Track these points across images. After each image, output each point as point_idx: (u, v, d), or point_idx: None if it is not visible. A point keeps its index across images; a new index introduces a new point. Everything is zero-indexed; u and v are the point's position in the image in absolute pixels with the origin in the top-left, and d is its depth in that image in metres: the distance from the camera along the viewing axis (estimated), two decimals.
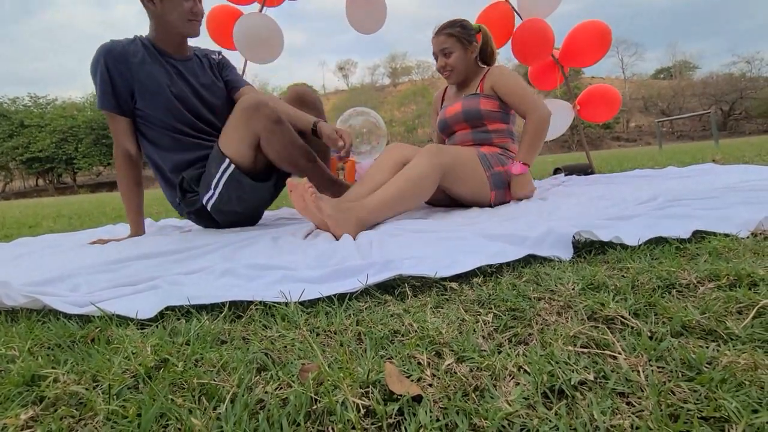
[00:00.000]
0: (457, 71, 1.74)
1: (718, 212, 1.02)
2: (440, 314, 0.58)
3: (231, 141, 1.36)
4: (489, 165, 1.58)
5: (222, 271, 0.83)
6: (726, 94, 46.34)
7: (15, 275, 0.94)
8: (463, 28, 1.72)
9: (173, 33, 1.44)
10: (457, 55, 1.72)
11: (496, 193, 1.60)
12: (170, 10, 1.38)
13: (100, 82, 1.38)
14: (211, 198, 1.41)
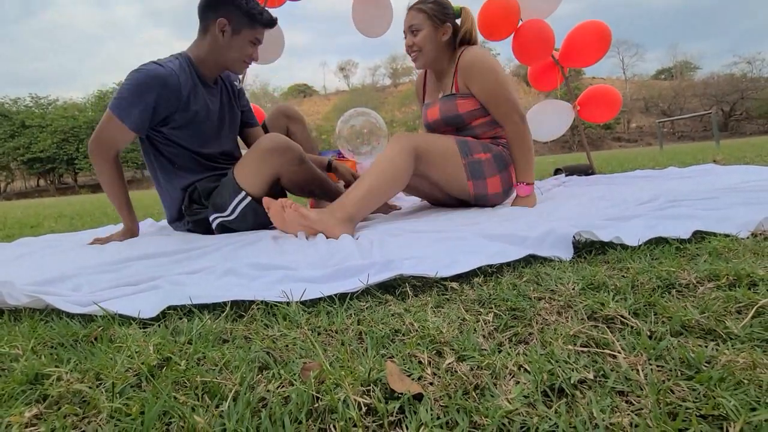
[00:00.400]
0: (425, 53, 1.56)
1: (719, 213, 1.02)
2: (441, 314, 0.58)
3: (248, 175, 1.37)
4: (468, 152, 1.49)
5: (223, 270, 0.83)
6: (727, 95, 46.31)
7: (17, 275, 0.95)
8: (436, 5, 1.55)
9: (222, 65, 1.45)
10: (424, 34, 1.54)
11: (474, 184, 1.50)
12: (235, 48, 1.41)
13: (142, 107, 1.32)
14: (224, 218, 1.42)
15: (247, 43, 1.42)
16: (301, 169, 1.39)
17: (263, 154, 1.36)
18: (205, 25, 1.41)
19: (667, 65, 60.86)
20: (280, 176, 1.39)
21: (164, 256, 1.07)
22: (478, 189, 1.52)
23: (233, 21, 1.38)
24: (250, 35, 1.41)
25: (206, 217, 1.47)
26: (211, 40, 1.40)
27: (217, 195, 1.45)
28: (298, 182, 1.42)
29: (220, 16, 1.37)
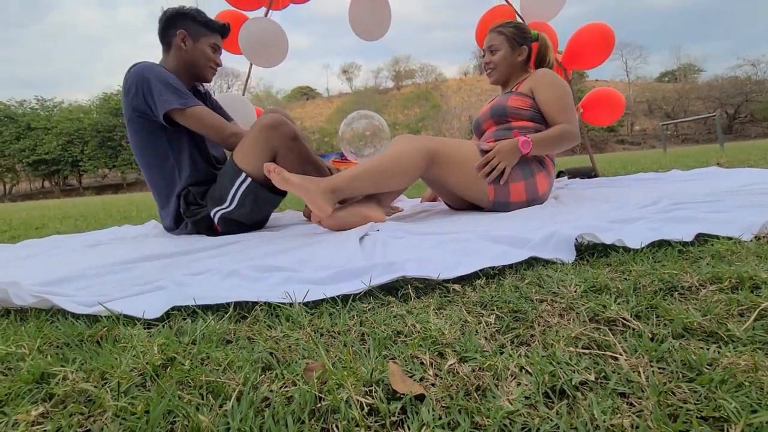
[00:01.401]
0: (499, 70, 1.70)
1: (722, 215, 1.02)
2: (443, 315, 0.58)
3: (247, 156, 1.40)
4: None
5: (227, 272, 0.84)
6: (731, 98, 46.12)
7: (22, 276, 0.96)
8: (517, 29, 1.69)
9: (193, 74, 1.57)
10: (502, 54, 1.68)
11: (496, 188, 1.46)
12: (199, 54, 1.53)
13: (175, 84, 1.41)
14: (224, 209, 1.43)
15: (208, 48, 1.55)
16: (296, 145, 1.42)
17: (261, 129, 1.40)
18: (168, 42, 1.54)
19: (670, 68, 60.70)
20: (276, 152, 1.41)
21: (168, 258, 1.08)
22: (498, 195, 1.47)
23: (190, 30, 1.52)
24: (208, 41, 1.56)
25: (207, 215, 1.48)
26: (175, 52, 1.53)
27: (214, 189, 1.48)
28: (292, 160, 1.43)
29: (178, 29, 1.51)
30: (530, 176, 1.50)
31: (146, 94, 1.39)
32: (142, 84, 1.38)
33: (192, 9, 1.54)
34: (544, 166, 1.57)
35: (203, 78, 1.59)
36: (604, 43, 2.23)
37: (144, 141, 1.48)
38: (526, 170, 1.51)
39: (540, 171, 1.54)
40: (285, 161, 1.42)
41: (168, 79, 1.40)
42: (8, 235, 2.37)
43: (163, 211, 1.60)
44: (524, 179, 1.50)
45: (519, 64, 1.70)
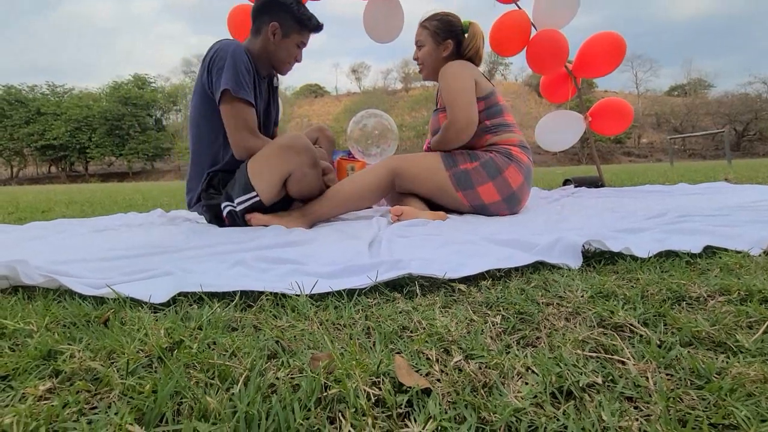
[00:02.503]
0: (426, 67, 1.66)
1: (731, 229, 1.01)
2: (449, 314, 0.58)
3: (262, 173, 1.39)
4: (452, 163, 1.52)
5: (233, 261, 0.84)
6: (741, 115, 45.84)
7: (29, 256, 0.96)
8: (440, 23, 1.62)
9: (270, 65, 1.56)
10: (426, 50, 1.64)
11: (465, 195, 1.51)
12: (283, 50, 1.52)
13: (246, 72, 1.40)
14: (232, 208, 1.44)
15: (294, 46, 1.54)
16: (312, 173, 1.41)
17: (282, 149, 1.38)
18: (258, 27, 1.51)
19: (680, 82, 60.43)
20: (291, 174, 1.40)
21: (175, 245, 1.08)
22: (471, 199, 1.52)
23: (284, 25, 1.49)
24: (298, 39, 1.53)
25: (218, 204, 1.48)
26: (262, 41, 1.51)
27: (230, 184, 1.48)
28: (304, 185, 1.44)
29: (272, 19, 1.48)
30: (497, 174, 1.50)
31: (215, 68, 1.38)
32: (219, 57, 1.38)
33: (294, 3, 1.50)
34: (512, 158, 1.52)
35: (278, 71, 1.59)
36: (615, 52, 2.22)
37: (206, 114, 1.47)
38: (491, 169, 1.50)
39: (508, 165, 1.50)
40: (297, 184, 1.42)
41: (243, 66, 1.39)
42: (15, 216, 2.38)
43: (192, 182, 1.59)
44: (491, 179, 1.50)
45: (445, 60, 1.62)
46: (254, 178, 1.41)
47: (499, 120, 1.57)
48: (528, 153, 1.58)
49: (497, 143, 1.55)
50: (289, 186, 1.43)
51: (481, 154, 1.52)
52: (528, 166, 1.55)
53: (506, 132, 1.57)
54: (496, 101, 1.58)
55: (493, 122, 1.56)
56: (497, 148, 1.54)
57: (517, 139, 1.57)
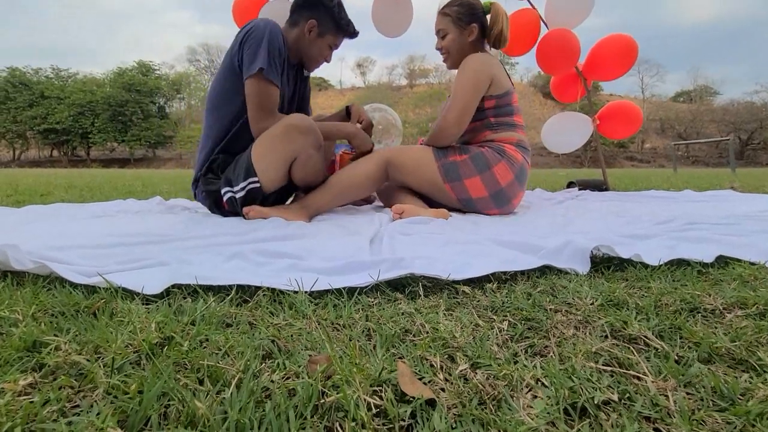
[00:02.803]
0: (452, 55, 1.60)
1: (741, 239, 0.99)
2: (453, 317, 0.56)
3: (266, 157, 1.36)
4: (443, 154, 1.51)
5: (231, 253, 0.82)
6: (746, 123, 45.67)
7: (23, 240, 0.94)
8: (461, 7, 1.56)
9: (299, 57, 1.55)
10: (451, 38, 1.58)
11: (452, 187, 1.49)
12: (315, 48, 1.51)
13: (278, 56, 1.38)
14: (233, 193, 1.41)
15: (326, 46, 1.53)
16: (317, 156, 1.39)
17: (287, 128, 1.34)
18: (296, 20, 1.50)
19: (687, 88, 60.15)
20: (296, 157, 1.37)
21: (172, 234, 1.06)
22: (458, 192, 1.50)
23: (322, 24, 1.48)
24: (332, 41, 1.53)
25: (218, 189, 1.45)
26: (297, 34, 1.50)
27: (230, 169, 1.45)
28: (309, 169, 1.40)
29: (312, 16, 1.47)
30: (486, 169, 1.47)
31: (250, 46, 1.35)
32: (256, 35, 1.35)
33: (335, 1, 1.49)
34: (503, 155, 1.48)
35: (306, 67, 1.59)
36: (626, 55, 2.19)
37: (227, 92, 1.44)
38: (480, 163, 1.48)
39: (499, 162, 1.47)
40: (301, 168, 1.39)
41: (277, 48, 1.37)
42: (13, 199, 2.36)
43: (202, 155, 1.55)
44: (479, 173, 1.48)
45: (472, 44, 1.57)
46: (258, 161, 1.37)
47: (506, 119, 1.54)
48: (525, 153, 1.54)
49: (494, 140, 1.53)
50: (294, 171, 1.41)
51: (473, 148, 1.50)
52: (521, 165, 1.51)
53: (507, 131, 1.54)
54: (509, 102, 1.54)
55: (498, 120, 1.54)
56: (491, 144, 1.51)
57: (515, 138, 1.54)
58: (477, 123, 1.55)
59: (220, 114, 1.47)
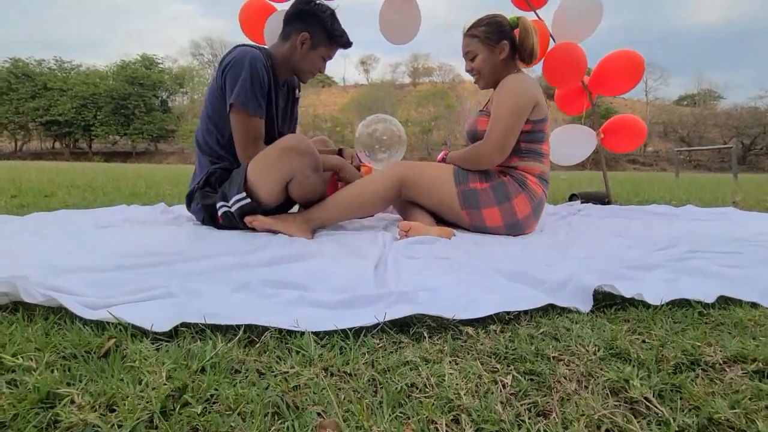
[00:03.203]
0: (485, 76, 1.57)
1: (741, 272, 1.00)
2: (457, 367, 0.57)
3: (262, 175, 1.37)
4: (463, 179, 1.49)
5: (238, 284, 0.82)
6: (749, 128, 45.54)
7: (31, 260, 0.95)
8: (489, 26, 1.53)
9: (292, 71, 1.56)
10: (481, 58, 1.54)
11: (469, 213, 1.49)
12: (308, 61, 1.51)
13: (259, 86, 1.40)
14: (227, 208, 1.43)
15: (319, 58, 1.54)
16: (314, 176, 1.40)
17: (284, 150, 1.36)
18: (288, 32, 1.51)
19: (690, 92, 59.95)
20: (292, 177, 1.38)
21: (178, 255, 1.07)
22: (474, 219, 1.50)
23: (314, 37, 1.49)
24: (325, 52, 1.54)
25: (214, 204, 1.47)
26: (289, 47, 1.51)
27: (225, 184, 1.46)
28: (306, 188, 1.42)
29: (304, 29, 1.48)
30: (505, 201, 1.46)
31: (230, 75, 1.38)
32: (235, 66, 1.38)
33: (327, 13, 1.49)
34: (524, 188, 1.48)
35: (300, 79, 1.60)
36: (633, 71, 2.19)
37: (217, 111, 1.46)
38: (500, 194, 1.47)
39: (519, 194, 1.47)
40: (299, 187, 1.40)
41: (256, 78, 1.39)
42: (17, 202, 2.37)
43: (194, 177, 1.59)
44: (498, 204, 1.47)
45: (504, 62, 1.54)
46: (254, 178, 1.39)
47: (535, 146, 1.52)
48: (545, 186, 1.53)
49: (518, 168, 1.51)
50: (291, 189, 1.42)
51: (495, 176, 1.49)
52: (540, 199, 1.51)
53: (534, 160, 1.52)
54: (543, 128, 1.52)
55: (528, 147, 1.51)
56: (514, 173, 1.50)
57: (539, 169, 1.52)
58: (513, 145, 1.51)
59: (214, 131, 1.50)
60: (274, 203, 1.43)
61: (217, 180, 1.50)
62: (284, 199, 1.46)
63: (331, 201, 1.49)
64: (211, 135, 1.51)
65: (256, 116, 1.40)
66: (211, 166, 1.53)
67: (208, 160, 1.54)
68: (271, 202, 1.42)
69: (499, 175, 1.49)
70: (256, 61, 1.39)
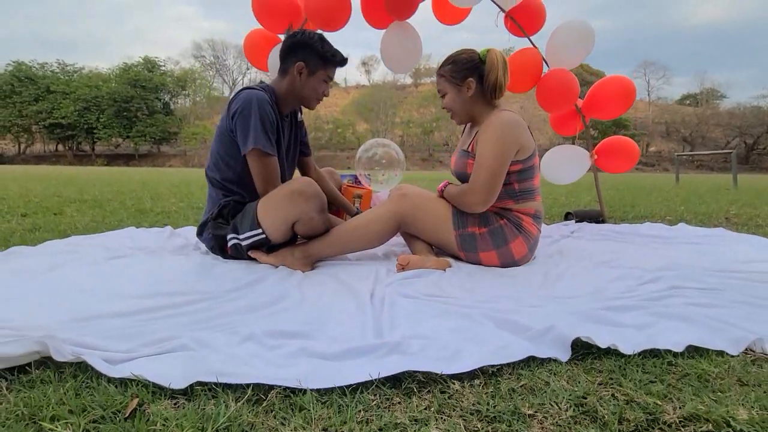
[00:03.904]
0: (456, 113, 1.59)
1: (717, 313, 1.06)
2: (443, 427, 0.64)
3: (270, 214, 1.46)
4: (462, 224, 1.53)
5: (244, 335, 0.90)
6: (752, 127, 45.46)
7: (52, 311, 1.03)
8: (455, 65, 1.54)
9: (297, 102, 1.63)
10: (450, 97, 1.57)
11: (467, 255, 1.56)
12: (310, 87, 1.58)
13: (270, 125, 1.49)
14: (238, 241, 1.52)
15: (320, 82, 1.59)
16: (319, 218, 1.48)
17: (292, 193, 1.45)
18: (285, 67, 1.59)
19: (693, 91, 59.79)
20: (298, 219, 1.47)
21: (185, 297, 1.14)
22: (471, 259, 1.57)
23: (309, 63, 1.55)
24: (324, 75, 1.59)
25: (225, 235, 1.55)
26: (289, 80, 1.58)
27: (237, 218, 1.55)
28: (309, 228, 1.51)
29: (298, 59, 1.55)
30: (503, 245, 1.52)
31: (241, 122, 1.47)
32: (244, 111, 1.46)
33: (316, 38, 1.56)
34: (521, 231, 1.53)
35: (307, 107, 1.66)
36: (624, 97, 2.26)
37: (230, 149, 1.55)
38: (498, 239, 1.52)
39: (516, 237, 1.52)
40: (303, 226, 1.49)
41: (266, 119, 1.48)
42: (29, 223, 2.45)
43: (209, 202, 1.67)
44: (495, 248, 1.52)
45: (474, 99, 1.55)
46: (263, 217, 1.48)
47: (528, 184, 1.55)
48: (539, 224, 1.59)
49: (513, 210, 1.55)
50: (296, 227, 1.51)
51: (493, 220, 1.53)
52: (536, 237, 1.57)
53: (528, 200, 1.55)
54: (533, 163, 1.54)
55: (521, 187, 1.54)
56: (510, 216, 1.54)
57: (533, 209, 1.56)
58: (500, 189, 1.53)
59: (224, 167, 1.58)
60: (281, 240, 1.52)
61: (230, 212, 1.59)
62: (291, 236, 1.54)
63: (332, 236, 1.55)
64: (221, 171, 1.60)
65: (272, 156, 1.50)
66: (222, 198, 1.61)
67: (220, 193, 1.62)
68: (277, 239, 1.51)
69: (497, 219, 1.53)
70: (262, 102, 1.48)
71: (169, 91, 46.62)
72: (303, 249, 1.53)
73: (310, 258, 1.53)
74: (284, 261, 1.50)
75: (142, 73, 42.68)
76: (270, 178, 1.50)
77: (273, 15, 2.08)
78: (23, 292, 1.17)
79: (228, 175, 1.58)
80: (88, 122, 40.06)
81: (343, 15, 2.08)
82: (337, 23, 2.10)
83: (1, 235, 2.09)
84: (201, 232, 1.66)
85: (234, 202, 1.60)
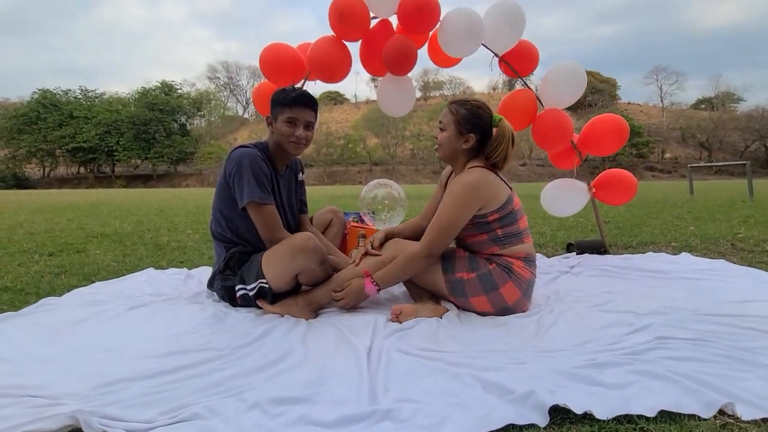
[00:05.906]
0: (443, 150, 1.61)
1: (699, 369, 1.11)
2: None
3: (274, 267, 1.60)
4: (450, 269, 1.55)
5: (251, 403, 0.99)
6: None
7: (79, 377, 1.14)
8: (468, 113, 1.54)
9: (280, 151, 1.74)
10: (445, 136, 1.58)
11: (457, 301, 1.58)
12: (278, 133, 1.70)
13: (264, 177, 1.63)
14: (245, 291, 1.63)
15: (283, 124, 1.68)
16: (320, 269, 1.60)
17: (293, 249, 1.57)
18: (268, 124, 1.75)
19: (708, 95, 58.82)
20: (300, 272, 1.59)
21: (199, 356, 1.25)
22: (463, 305, 1.60)
23: (273, 112, 1.72)
24: (284, 117, 1.67)
25: (233, 285, 1.67)
26: (270, 134, 1.76)
27: (244, 269, 1.68)
28: (311, 279, 1.64)
29: (269, 115, 1.73)
30: (493, 290, 1.51)
31: (236, 179, 1.62)
32: (236, 169, 1.62)
33: (277, 91, 1.70)
34: (511, 274, 1.51)
35: (288, 153, 1.72)
36: (618, 135, 2.32)
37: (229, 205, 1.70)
38: (487, 283, 1.51)
39: (506, 282, 1.50)
40: (305, 278, 1.62)
41: (258, 172, 1.62)
42: (56, 263, 2.62)
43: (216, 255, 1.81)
44: (485, 293, 1.52)
45: (465, 152, 1.58)
46: (267, 270, 1.61)
47: (512, 229, 1.55)
48: (532, 267, 1.57)
49: (501, 255, 1.55)
50: (299, 278, 1.63)
51: (481, 265, 1.53)
52: (529, 281, 1.55)
53: (515, 243, 1.55)
54: (512, 208, 1.54)
55: (505, 231, 1.54)
56: (499, 260, 1.53)
57: (524, 252, 1.56)
58: (484, 236, 1.55)
59: (223, 221, 1.73)
60: (285, 289, 1.63)
61: (236, 263, 1.72)
62: (294, 286, 1.65)
63: (333, 284, 1.64)
64: (221, 225, 1.74)
65: (268, 204, 1.63)
66: (226, 252, 1.74)
67: (223, 246, 1.75)
68: (281, 289, 1.62)
69: (486, 264, 1.53)
70: (253, 157, 1.63)
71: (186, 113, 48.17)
72: (306, 298, 1.63)
73: (313, 305, 1.63)
74: (289, 310, 1.60)
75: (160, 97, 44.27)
76: (270, 225, 1.63)
77: (279, 70, 2.23)
78: (55, 353, 1.28)
79: (229, 228, 1.72)
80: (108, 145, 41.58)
81: (343, 68, 2.22)
82: (337, 76, 2.23)
83: (33, 279, 2.25)
84: (211, 284, 1.78)
85: (238, 253, 1.72)
